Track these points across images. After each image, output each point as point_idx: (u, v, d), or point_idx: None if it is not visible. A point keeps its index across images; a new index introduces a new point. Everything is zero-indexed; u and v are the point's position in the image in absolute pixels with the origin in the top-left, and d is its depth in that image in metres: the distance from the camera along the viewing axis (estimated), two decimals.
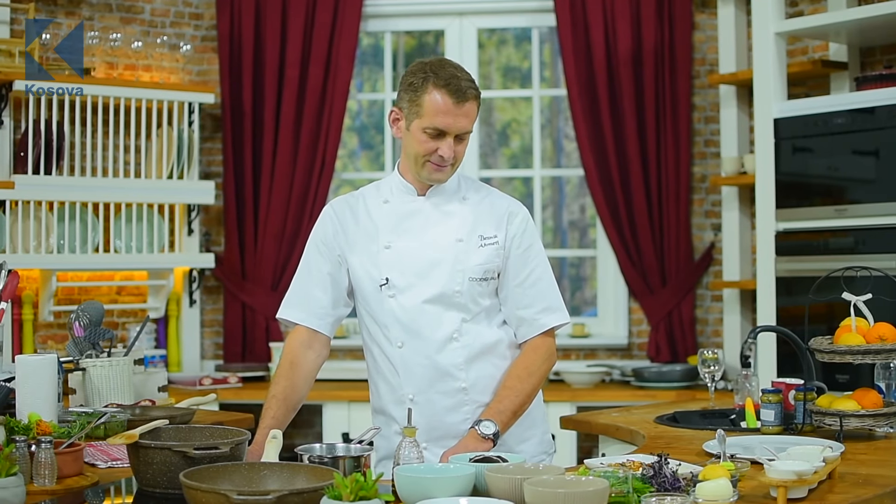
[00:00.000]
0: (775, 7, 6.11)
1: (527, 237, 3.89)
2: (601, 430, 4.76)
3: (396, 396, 3.83)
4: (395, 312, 3.78)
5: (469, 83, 3.69)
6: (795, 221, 6.03)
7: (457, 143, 3.71)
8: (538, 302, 3.86)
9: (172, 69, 7.42)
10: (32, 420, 3.60)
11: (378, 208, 3.88)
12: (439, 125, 3.66)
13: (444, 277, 3.76)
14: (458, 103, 3.66)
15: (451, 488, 2.85)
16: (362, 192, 3.98)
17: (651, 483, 2.87)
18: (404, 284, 3.77)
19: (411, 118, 3.72)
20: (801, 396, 4.02)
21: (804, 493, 2.97)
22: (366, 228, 3.86)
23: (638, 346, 7.44)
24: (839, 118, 5.84)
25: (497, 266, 3.82)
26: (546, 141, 7.96)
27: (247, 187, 7.41)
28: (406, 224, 3.83)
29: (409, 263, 3.78)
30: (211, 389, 6.52)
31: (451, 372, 3.77)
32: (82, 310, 4.89)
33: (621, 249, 7.24)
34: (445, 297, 3.76)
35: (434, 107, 3.66)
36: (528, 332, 3.88)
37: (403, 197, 3.86)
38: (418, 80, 3.70)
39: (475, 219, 3.83)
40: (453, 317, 3.77)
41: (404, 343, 3.78)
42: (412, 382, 3.79)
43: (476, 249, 3.79)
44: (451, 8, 7.64)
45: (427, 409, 3.77)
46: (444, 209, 3.84)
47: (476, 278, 3.78)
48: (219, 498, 2.62)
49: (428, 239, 3.80)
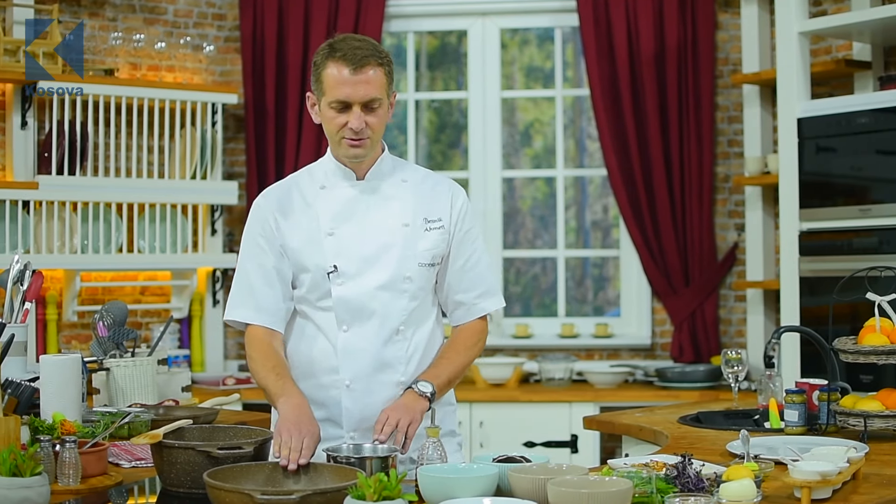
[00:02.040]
0: (799, 6, 6.09)
1: (468, 219, 3.85)
2: (624, 431, 4.76)
3: (329, 381, 3.74)
4: (343, 298, 3.69)
5: (371, 51, 3.62)
6: (819, 221, 6.02)
7: (367, 114, 3.62)
8: (476, 286, 3.84)
9: (195, 70, 7.44)
10: (57, 420, 3.61)
11: (315, 194, 3.80)
12: (340, 96, 3.59)
13: (394, 263, 3.71)
14: (356, 70, 3.58)
15: (474, 488, 2.85)
16: (294, 179, 3.90)
17: (675, 483, 2.87)
18: (353, 271, 3.70)
19: (320, 97, 3.67)
20: (824, 397, 4.01)
21: (828, 494, 2.96)
22: (304, 215, 3.78)
23: (661, 346, 7.43)
24: (863, 118, 5.83)
25: (443, 251, 3.78)
26: (569, 141, 7.95)
27: None
28: (347, 209, 3.75)
29: (356, 250, 3.71)
30: (234, 389, 6.53)
31: (392, 364, 3.72)
32: (106, 310, 4.90)
33: (644, 249, 7.23)
34: (396, 283, 3.71)
35: (333, 79, 3.61)
36: (465, 316, 3.87)
37: (340, 182, 3.78)
38: (319, 58, 3.67)
39: (417, 202, 3.78)
40: (403, 304, 3.72)
41: (350, 327, 3.70)
42: (352, 369, 3.71)
43: (423, 234, 3.75)
44: (473, 8, 7.64)
45: (364, 397, 3.70)
46: (384, 193, 3.77)
47: (425, 264, 3.74)
48: (243, 498, 2.63)
49: (373, 225, 3.73)
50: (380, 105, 3.65)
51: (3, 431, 3.07)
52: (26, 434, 3.46)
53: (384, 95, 3.66)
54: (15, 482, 2.80)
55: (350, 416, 3.71)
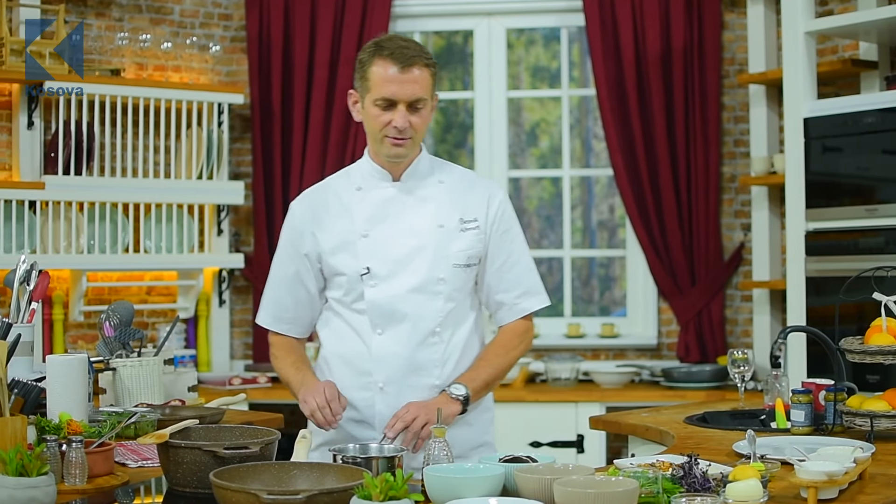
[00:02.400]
0: (805, 6, 6.09)
1: (506, 220, 3.85)
2: (630, 431, 4.75)
3: (362, 382, 3.78)
4: (376, 301, 3.73)
5: (418, 52, 3.65)
6: (825, 221, 6.01)
7: (412, 114, 3.65)
8: (518, 286, 3.85)
9: (202, 70, 7.44)
10: (63, 420, 3.61)
11: (350, 196, 3.82)
12: (387, 94, 3.62)
13: (426, 265, 3.72)
14: (404, 69, 3.61)
15: (480, 488, 2.85)
16: (330, 182, 3.94)
17: (681, 483, 2.87)
18: (386, 273, 3.72)
19: (363, 95, 3.69)
20: (831, 397, 4.00)
21: (835, 494, 2.96)
22: (339, 217, 3.81)
23: (667, 346, 7.43)
24: (869, 117, 5.82)
25: (479, 251, 3.79)
26: (575, 141, 7.95)
27: (276, 187, 7.42)
28: (382, 211, 3.77)
29: (389, 252, 3.73)
30: (240, 389, 6.54)
31: (427, 367, 3.75)
32: (112, 310, 4.90)
33: (650, 249, 7.23)
34: (429, 286, 3.72)
35: (380, 76, 3.62)
36: (508, 316, 3.88)
37: (377, 183, 3.80)
38: (366, 56, 3.69)
39: (454, 202, 3.79)
40: (438, 306, 3.74)
41: (385, 330, 3.73)
42: (385, 371, 3.74)
43: (458, 234, 3.76)
44: (479, 8, 7.64)
45: (396, 400, 3.71)
46: (420, 194, 3.79)
47: (460, 265, 3.75)
48: (249, 497, 2.63)
49: (406, 226, 3.75)
50: (424, 105, 3.69)
51: (10, 431, 3.07)
52: (33, 434, 3.46)
53: (429, 96, 3.70)
54: (21, 482, 2.80)
55: (383, 418, 3.72)
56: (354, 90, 3.76)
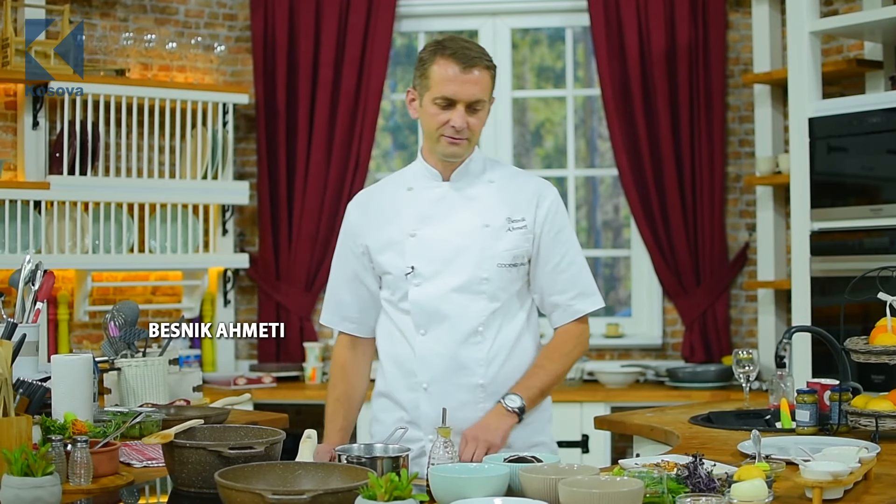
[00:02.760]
0: (810, 6, 6.08)
1: (558, 220, 3.82)
2: (635, 431, 4.75)
3: (409, 383, 3.78)
4: (419, 301, 3.73)
5: (479, 53, 3.67)
6: (830, 221, 6.01)
7: (470, 115, 3.65)
8: (572, 287, 3.82)
9: (206, 70, 7.45)
10: (68, 419, 3.61)
11: (402, 196, 3.84)
12: (447, 93, 3.62)
13: (470, 265, 3.71)
14: (466, 69, 3.62)
15: (485, 488, 2.85)
16: (385, 182, 3.97)
17: (686, 483, 2.86)
18: (430, 272, 3.72)
19: (423, 93, 3.69)
20: (836, 397, 4.00)
21: (840, 494, 2.96)
22: (390, 217, 3.81)
23: (672, 346, 7.43)
24: (874, 117, 5.82)
25: (526, 251, 3.76)
26: (580, 141, 7.95)
27: (281, 187, 7.43)
28: (431, 210, 3.78)
29: (434, 251, 3.73)
30: (245, 389, 6.54)
31: (470, 367, 3.73)
32: (117, 310, 4.91)
33: (655, 249, 7.23)
34: (472, 285, 3.71)
35: (441, 75, 3.63)
36: (562, 318, 3.85)
37: (427, 182, 3.81)
38: (427, 55, 3.70)
39: (502, 202, 3.77)
40: (481, 306, 3.72)
41: (427, 331, 3.73)
42: (429, 371, 3.74)
43: (504, 234, 3.74)
44: (484, 8, 7.64)
45: (441, 400, 3.69)
46: (468, 193, 3.78)
47: (505, 264, 3.73)
48: (254, 497, 2.63)
49: (453, 225, 3.75)
50: (482, 107, 3.70)
51: (15, 431, 3.07)
52: (38, 434, 3.47)
53: (487, 98, 3.70)
54: (27, 482, 2.81)
55: (428, 418, 3.74)
56: (413, 88, 3.77)
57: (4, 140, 6.66)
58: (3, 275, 6.24)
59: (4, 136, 6.66)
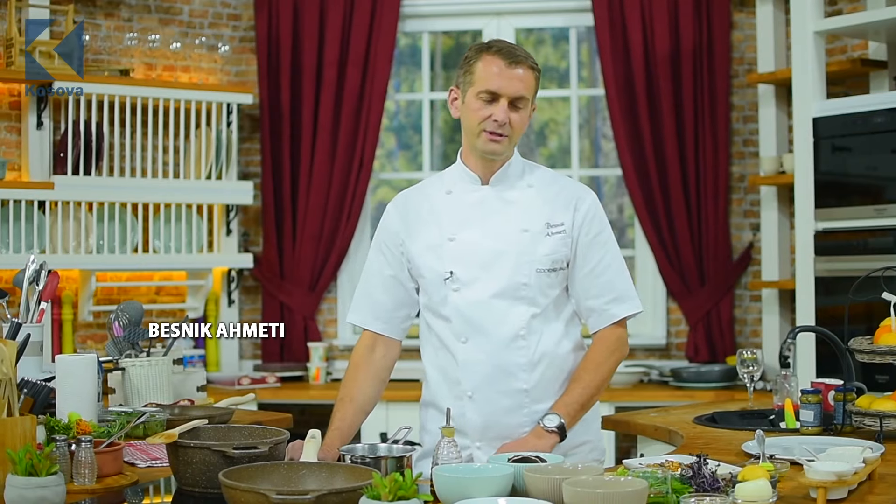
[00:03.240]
0: (814, 6, 6.08)
1: (595, 224, 3.80)
2: (640, 431, 4.75)
3: (453, 392, 3.77)
4: (459, 307, 3.71)
5: (525, 54, 3.67)
6: (834, 221, 6.01)
7: (512, 111, 3.65)
8: (608, 291, 3.79)
9: (211, 70, 7.45)
10: (72, 419, 3.62)
11: (441, 199, 3.82)
12: (492, 87, 3.61)
13: (509, 270, 3.69)
14: (511, 65, 3.62)
15: (489, 488, 2.85)
16: (424, 185, 3.94)
17: (690, 483, 2.86)
18: (469, 278, 3.70)
19: (466, 89, 3.68)
20: (840, 397, 4.00)
21: (844, 495, 2.96)
22: (428, 221, 3.80)
23: (676, 346, 7.42)
24: (878, 117, 5.81)
25: (565, 255, 3.74)
26: (584, 141, 7.95)
27: (285, 187, 7.43)
28: (469, 214, 3.76)
29: (473, 256, 3.71)
30: (249, 389, 6.55)
31: (513, 372, 3.71)
32: (121, 310, 4.91)
33: (659, 249, 7.22)
34: (512, 291, 3.69)
35: (486, 70, 3.63)
36: (599, 322, 3.82)
37: (466, 186, 3.79)
38: (472, 53, 3.70)
39: (541, 206, 3.75)
40: (521, 311, 3.70)
41: (468, 338, 3.71)
42: (472, 379, 3.72)
43: (543, 239, 3.72)
44: (488, 8, 7.64)
45: (485, 407, 3.71)
46: (508, 197, 3.76)
47: (544, 269, 3.71)
48: (258, 497, 2.63)
49: (492, 230, 3.73)
50: (525, 106, 3.69)
51: (19, 431, 3.07)
52: (42, 434, 3.47)
53: (530, 98, 3.70)
54: (31, 482, 2.81)
55: (474, 426, 3.74)
56: (456, 87, 3.76)
57: (9, 140, 6.67)
58: (7, 275, 6.24)
59: (9, 136, 6.67)
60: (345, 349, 7.47)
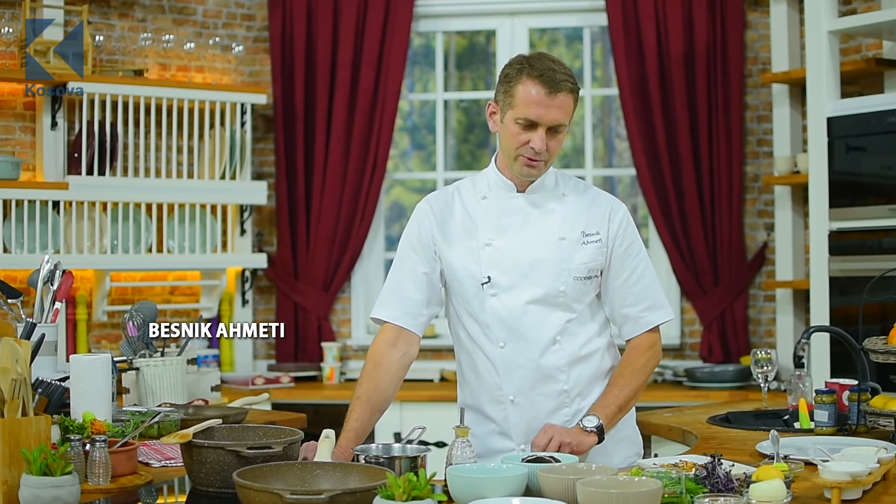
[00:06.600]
0: (828, 5, 6.07)
1: (628, 234, 3.83)
2: (654, 431, 4.75)
3: (494, 396, 3.78)
4: (497, 312, 3.73)
5: (566, 76, 3.63)
6: (849, 221, 5.99)
7: (550, 137, 3.64)
8: (642, 300, 3.82)
9: (225, 70, 7.46)
10: (87, 419, 3.62)
11: (476, 204, 3.83)
12: (531, 116, 3.60)
13: (548, 277, 3.71)
14: (551, 94, 3.59)
15: (503, 488, 2.85)
16: (457, 187, 3.93)
17: (704, 484, 2.86)
18: (507, 284, 3.72)
19: (505, 109, 3.67)
20: (854, 397, 3.99)
21: (858, 495, 2.95)
22: (464, 224, 3.81)
23: (690, 346, 7.41)
24: (893, 117, 5.80)
25: (600, 264, 3.77)
26: (598, 140, 7.94)
27: (299, 187, 7.43)
28: (506, 221, 3.77)
29: (511, 262, 3.72)
30: (263, 389, 6.55)
31: (553, 374, 3.74)
32: (136, 310, 4.92)
33: (673, 249, 7.22)
34: (550, 298, 3.71)
35: (526, 97, 3.61)
36: (633, 330, 3.84)
37: (502, 193, 3.80)
38: (513, 72, 3.67)
39: (577, 215, 3.78)
40: (557, 317, 3.73)
41: (507, 343, 3.73)
42: (514, 383, 3.75)
43: (579, 247, 3.74)
44: (502, 8, 7.63)
45: (529, 410, 3.74)
46: (545, 207, 3.78)
47: (581, 277, 3.73)
48: (272, 497, 2.63)
49: (529, 237, 3.75)
50: (563, 131, 3.69)
51: (34, 431, 3.08)
52: (57, 433, 3.48)
53: (568, 121, 3.69)
54: (46, 481, 2.82)
55: (518, 429, 3.76)
56: (495, 102, 3.74)
57: (23, 140, 6.68)
58: (22, 275, 6.25)
59: (23, 137, 6.68)
60: (359, 349, 7.47)
